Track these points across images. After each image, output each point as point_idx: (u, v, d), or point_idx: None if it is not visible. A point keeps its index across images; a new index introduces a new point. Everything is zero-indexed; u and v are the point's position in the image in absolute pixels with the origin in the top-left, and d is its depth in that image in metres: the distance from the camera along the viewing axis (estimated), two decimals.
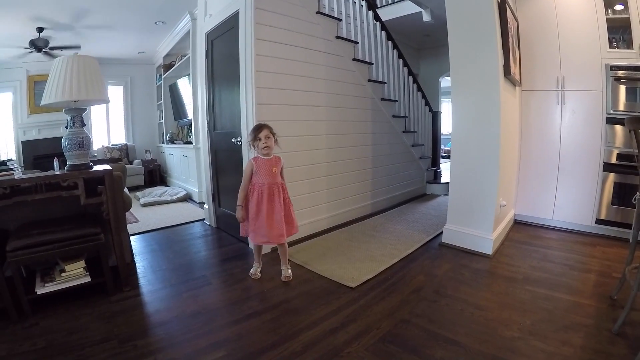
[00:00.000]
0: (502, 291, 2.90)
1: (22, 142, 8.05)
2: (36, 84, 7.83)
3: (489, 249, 3.66)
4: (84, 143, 2.98)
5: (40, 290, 2.67)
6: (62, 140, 2.97)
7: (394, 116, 5.94)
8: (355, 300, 2.80)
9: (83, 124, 3.06)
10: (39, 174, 2.92)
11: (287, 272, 3.23)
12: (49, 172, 2.95)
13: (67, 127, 3.01)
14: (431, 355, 2.11)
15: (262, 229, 3.07)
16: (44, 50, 6.62)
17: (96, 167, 3.07)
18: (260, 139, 3.04)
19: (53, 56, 6.32)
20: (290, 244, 3.84)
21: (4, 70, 7.81)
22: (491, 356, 2.07)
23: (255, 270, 3.30)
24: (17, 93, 8.04)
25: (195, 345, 2.26)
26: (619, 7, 3.98)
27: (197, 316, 2.62)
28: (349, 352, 2.15)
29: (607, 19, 3.96)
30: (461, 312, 2.60)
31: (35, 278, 2.81)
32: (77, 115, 3.02)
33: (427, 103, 7.25)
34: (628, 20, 3.89)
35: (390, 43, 6.09)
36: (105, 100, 3.15)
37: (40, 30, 6.25)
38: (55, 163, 3.16)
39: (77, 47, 6.85)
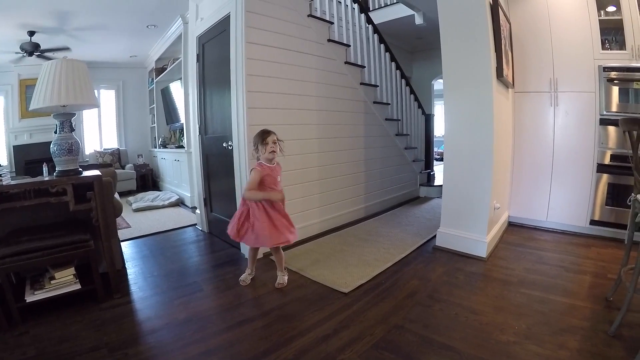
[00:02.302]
0: (496, 294, 2.89)
1: (13, 146, 7.98)
2: (27, 88, 7.74)
3: (483, 252, 3.65)
4: (72, 148, 2.95)
5: (30, 298, 2.63)
6: (51, 146, 2.93)
7: (386, 119, 5.93)
8: (348, 306, 2.78)
9: (72, 129, 3.02)
10: (27, 180, 2.87)
11: (281, 279, 3.19)
12: (38, 178, 2.90)
13: (56, 132, 2.97)
14: None
15: (264, 232, 2.98)
16: (35, 53, 6.56)
17: (86, 173, 3.03)
18: (267, 144, 2.93)
19: (45, 59, 6.27)
20: (282, 250, 3.81)
21: None
22: None
23: (244, 277, 3.27)
24: (9, 97, 7.97)
25: (186, 353, 2.23)
26: (611, 8, 3.99)
27: (188, 323, 2.59)
28: (342, 359, 2.12)
29: (599, 20, 3.97)
30: (456, 316, 2.58)
31: (25, 286, 2.77)
32: (66, 120, 2.98)
33: (420, 106, 7.27)
34: (621, 21, 3.90)
35: (382, 46, 6.08)
36: (95, 105, 3.12)
37: (31, 33, 6.20)
38: (44, 169, 3.11)
39: (67, 48, 6.81)
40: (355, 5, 5.61)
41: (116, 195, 3.69)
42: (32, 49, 6.47)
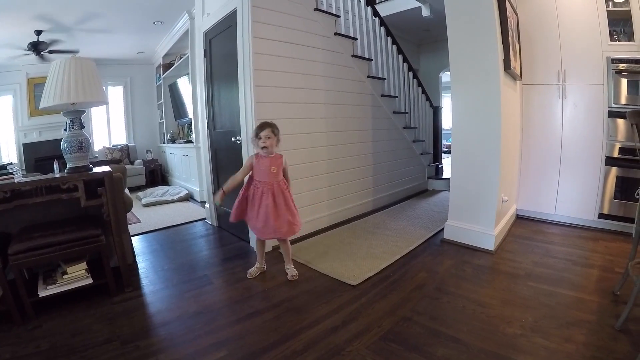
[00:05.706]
0: (504, 287, 2.90)
1: (23, 144, 8.07)
2: (36, 87, 7.83)
3: (490, 245, 3.65)
4: (83, 145, 2.98)
5: (42, 293, 2.67)
6: (62, 143, 2.96)
7: (394, 112, 5.92)
8: (356, 298, 2.80)
9: (82, 126, 3.05)
10: (39, 177, 2.91)
11: (293, 270, 3.23)
12: (49, 175, 2.94)
13: (66, 130, 3.01)
14: (432, 353, 2.10)
15: (258, 224, 3.06)
16: (42, 52, 6.60)
17: (96, 169, 3.06)
18: (260, 138, 3.03)
19: (52, 59, 6.32)
20: (292, 242, 3.84)
21: (4, 73, 7.81)
22: (493, 353, 2.07)
23: (252, 270, 3.30)
24: (17, 96, 8.04)
25: (196, 345, 2.26)
26: None
27: (198, 316, 2.62)
28: (350, 351, 2.15)
29: (607, 11, 3.93)
30: (463, 309, 2.60)
31: (38, 280, 2.81)
32: (76, 118, 3.01)
33: (427, 98, 7.24)
34: (629, 12, 3.86)
35: (389, 39, 6.07)
36: (104, 102, 3.14)
37: (38, 32, 6.24)
38: (55, 166, 3.15)
39: (76, 51, 6.86)
40: None
41: (126, 191, 3.73)
42: (39, 48, 6.50)
